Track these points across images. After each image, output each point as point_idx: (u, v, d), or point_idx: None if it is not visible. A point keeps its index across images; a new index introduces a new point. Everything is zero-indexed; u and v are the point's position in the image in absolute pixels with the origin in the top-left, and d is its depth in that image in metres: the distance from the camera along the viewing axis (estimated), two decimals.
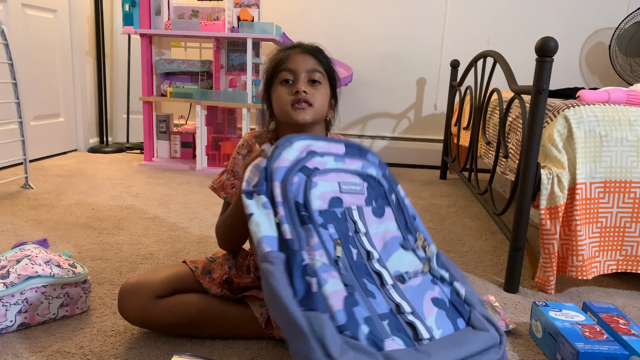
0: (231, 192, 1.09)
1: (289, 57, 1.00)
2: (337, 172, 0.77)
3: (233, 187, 1.09)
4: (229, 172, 1.10)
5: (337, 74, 1.06)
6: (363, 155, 0.84)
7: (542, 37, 1.19)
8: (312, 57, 1.00)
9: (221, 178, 1.11)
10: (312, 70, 0.99)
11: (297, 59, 0.99)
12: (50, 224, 1.67)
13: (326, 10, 3.03)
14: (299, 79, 0.98)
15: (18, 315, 1.00)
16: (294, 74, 0.99)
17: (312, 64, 1.00)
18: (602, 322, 1.04)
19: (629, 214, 1.30)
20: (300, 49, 1.01)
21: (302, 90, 0.97)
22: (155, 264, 1.38)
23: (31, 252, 1.07)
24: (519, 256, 1.30)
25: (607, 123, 1.28)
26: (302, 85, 0.97)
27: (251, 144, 1.08)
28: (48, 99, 2.77)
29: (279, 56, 1.02)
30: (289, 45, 1.04)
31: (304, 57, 1.00)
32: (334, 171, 0.77)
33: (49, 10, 2.72)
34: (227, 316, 1.00)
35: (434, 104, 3.12)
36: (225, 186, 1.09)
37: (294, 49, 1.02)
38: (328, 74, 1.02)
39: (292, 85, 0.99)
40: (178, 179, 2.44)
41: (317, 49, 1.03)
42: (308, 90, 0.98)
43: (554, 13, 2.92)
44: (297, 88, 0.97)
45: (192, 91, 2.59)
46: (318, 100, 0.99)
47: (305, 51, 1.01)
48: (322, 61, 1.01)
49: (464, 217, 2.04)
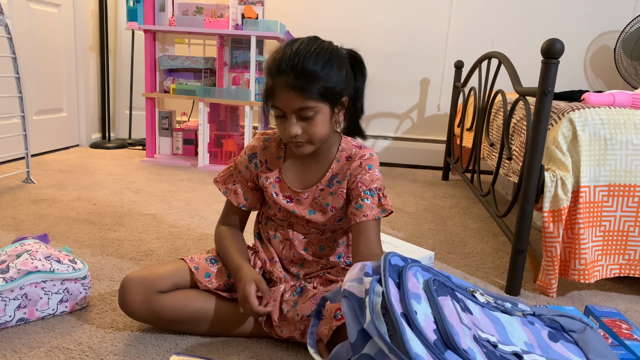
0: (231, 188, 1.10)
1: (275, 91, 0.92)
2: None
3: (233, 185, 1.10)
4: (233, 169, 1.11)
5: (341, 80, 0.95)
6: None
7: (549, 39, 1.19)
8: (299, 95, 0.90)
9: (225, 172, 1.12)
10: (299, 110, 0.91)
11: (283, 97, 0.91)
12: (51, 219, 1.66)
13: (330, 9, 3.02)
14: (290, 120, 0.93)
15: (17, 310, 0.99)
16: (284, 111, 0.93)
17: (300, 102, 0.90)
18: (605, 327, 1.04)
19: (632, 218, 1.29)
20: (285, 82, 0.90)
21: (293, 135, 0.93)
22: (155, 261, 1.37)
23: (31, 247, 1.07)
24: (521, 259, 1.30)
25: (612, 126, 1.27)
26: (292, 130, 0.93)
27: (258, 146, 1.08)
28: (51, 94, 2.76)
29: (269, 84, 0.93)
30: (277, 60, 0.92)
31: (289, 96, 0.90)
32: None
33: (53, 4, 2.71)
34: (227, 314, 1.00)
35: (437, 104, 3.11)
36: (226, 181, 1.11)
37: (280, 76, 0.90)
38: (323, 96, 0.91)
39: (284, 121, 0.94)
40: (180, 175, 2.43)
41: (305, 76, 0.89)
42: (300, 131, 0.93)
43: (559, 15, 2.91)
44: (287, 132, 0.93)
45: (195, 88, 2.59)
46: (314, 133, 0.94)
47: (291, 87, 0.89)
48: (313, 91, 0.90)
49: (466, 218, 2.03)
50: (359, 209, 1.00)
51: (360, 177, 1.01)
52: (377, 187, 1.02)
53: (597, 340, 0.76)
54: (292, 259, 1.09)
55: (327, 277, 1.07)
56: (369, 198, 1.00)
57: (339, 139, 1.06)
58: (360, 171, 1.02)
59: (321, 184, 1.04)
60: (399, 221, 1.93)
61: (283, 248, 1.10)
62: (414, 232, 1.80)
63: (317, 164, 1.05)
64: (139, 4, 2.56)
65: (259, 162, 1.07)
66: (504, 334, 0.69)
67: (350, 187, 1.03)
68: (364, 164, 1.02)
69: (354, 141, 1.07)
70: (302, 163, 1.06)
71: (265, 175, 1.07)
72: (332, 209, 1.04)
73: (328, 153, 1.05)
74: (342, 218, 1.06)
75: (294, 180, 1.06)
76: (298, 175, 1.06)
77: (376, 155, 1.05)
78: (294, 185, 1.06)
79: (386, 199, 1.03)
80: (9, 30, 1.91)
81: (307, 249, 1.09)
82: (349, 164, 1.03)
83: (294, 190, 1.05)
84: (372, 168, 1.02)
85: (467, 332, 0.61)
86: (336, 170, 1.04)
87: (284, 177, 1.06)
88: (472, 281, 1.39)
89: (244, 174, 1.09)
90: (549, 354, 0.70)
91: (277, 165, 1.07)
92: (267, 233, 1.12)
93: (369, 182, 1.01)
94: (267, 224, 1.13)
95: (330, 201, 1.04)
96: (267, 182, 1.06)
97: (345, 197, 1.04)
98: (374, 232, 1.00)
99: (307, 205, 1.05)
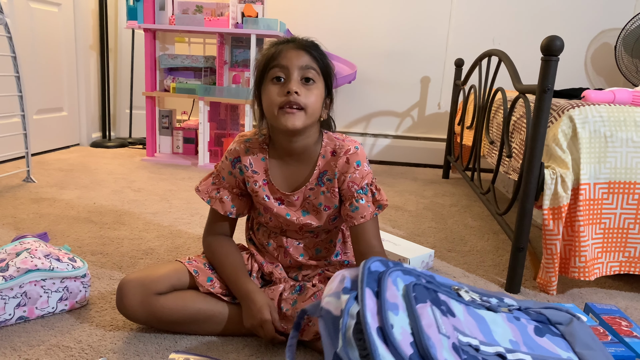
0: (215, 196, 1.04)
1: (281, 53, 0.93)
2: None
3: (217, 192, 1.04)
4: (215, 176, 1.06)
5: (334, 70, 0.99)
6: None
7: (548, 36, 1.18)
8: (306, 53, 0.93)
9: (207, 180, 1.06)
10: (305, 67, 0.92)
11: (290, 55, 0.92)
12: (52, 218, 1.66)
13: (331, 7, 3.02)
14: (291, 77, 0.91)
15: (17, 308, 0.99)
16: (285, 71, 0.92)
17: (306, 60, 0.92)
18: (605, 324, 1.04)
19: (632, 216, 1.29)
20: (294, 44, 0.94)
21: (293, 91, 0.90)
22: (155, 260, 1.37)
23: (31, 245, 1.07)
24: (521, 257, 1.30)
25: (613, 123, 1.27)
26: (294, 85, 0.90)
27: (239, 150, 1.03)
28: (51, 93, 2.77)
29: (271, 51, 0.94)
30: (281, 39, 0.97)
31: (297, 53, 0.92)
32: None
33: (54, 3, 2.71)
34: (226, 313, 1.00)
35: (437, 102, 3.10)
36: (209, 190, 1.05)
37: (287, 43, 0.94)
38: (323, 71, 0.95)
39: (283, 84, 0.92)
40: (180, 174, 2.43)
41: (312, 44, 0.95)
42: (300, 91, 0.91)
43: (560, 13, 2.90)
44: (288, 88, 0.90)
45: (195, 87, 2.58)
46: (311, 102, 0.92)
47: (299, 46, 0.93)
48: (317, 58, 0.94)
49: (467, 216, 2.03)
50: (355, 212, 0.98)
51: (350, 176, 0.99)
52: (369, 182, 1.00)
53: (583, 331, 0.76)
54: (289, 265, 1.07)
55: (326, 274, 1.06)
56: (363, 197, 0.99)
57: (321, 135, 1.03)
58: (348, 169, 0.99)
59: (310, 183, 1.01)
60: (400, 219, 1.93)
61: (278, 255, 1.07)
62: (415, 230, 1.80)
63: (303, 162, 1.02)
64: (139, 2, 2.56)
65: (243, 166, 1.02)
66: (488, 334, 0.68)
67: (341, 186, 1.00)
68: (351, 159, 0.99)
69: (335, 135, 1.04)
70: (287, 163, 1.02)
71: (252, 179, 1.02)
72: (326, 208, 1.02)
73: (312, 150, 1.01)
74: (337, 217, 1.05)
75: (281, 183, 1.02)
76: (285, 177, 1.02)
77: (361, 146, 1.02)
78: (282, 188, 1.02)
79: (380, 192, 1.01)
80: (8, 29, 1.91)
81: (303, 254, 1.07)
82: (335, 159, 0.99)
83: (283, 192, 1.02)
84: (361, 164, 1.00)
85: (445, 342, 0.60)
86: (323, 167, 1.01)
87: (271, 179, 1.02)
88: (472, 279, 1.39)
89: (228, 180, 1.04)
90: (534, 350, 0.70)
91: (262, 166, 1.02)
92: (259, 240, 1.09)
93: (360, 179, 0.99)
94: (259, 230, 1.10)
95: (323, 200, 1.01)
96: (256, 186, 1.02)
97: (338, 197, 1.02)
98: (373, 231, 0.99)
99: (299, 207, 1.03)
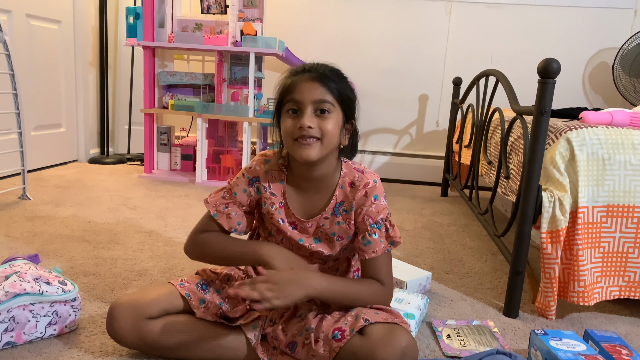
0: (223, 211, 1.03)
1: (295, 86, 0.93)
2: None
3: (226, 207, 1.03)
4: (227, 191, 1.05)
5: (354, 95, 0.97)
6: None
7: (545, 59, 1.18)
8: (320, 85, 0.92)
9: (218, 194, 1.06)
10: (319, 102, 0.91)
11: (303, 89, 0.92)
12: (45, 237, 1.65)
13: (329, 26, 3.04)
14: (305, 112, 0.91)
15: (4, 333, 0.97)
16: (299, 105, 0.92)
17: (320, 93, 0.92)
18: (604, 352, 1.01)
19: (632, 239, 1.27)
20: (309, 75, 0.93)
21: (306, 126, 0.90)
22: (148, 281, 1.35)
23: (20, 268, 1.05)
24: (519, 280, 1.28)
25: (610, 146, 1.26)
26: (306, 120, 0.90)
27: (259, 170, 1.03)
28: (50, 109, 2.77)
29: (287, 83, 0.95)
30: (299, 67, 0.96)
31: (311, 86, 0.92)
32: None
33: (54, 21, 2.73)
34: (218, 339, 0.98)
35: (436, 120, 3.10)
36: (217, 203, 1.04)
37: (303, 73, 0.94)
38: (340, 100, 0.94)
39: (298, 117, 0.92)
40: (177, 191, 2.42)
41: (327, 75, 0.93)
42: (314, 124, 0.91)
43: (558, 32, 2.92)
44: (301, 123, 0.91)
45: (194, 104, 2.59)
46: (327, 130, 0.92)
47: (314, 78, 0.92)
48: (332, 88, 0.93)
49: (465, 236, 2.01)
50: (367, 245, 0.98)
51: (366, 210, 0.98)
52: (384, 217, 1.00)
53: None
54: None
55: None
56: (376, 232, 0.98)
57: (340, 164, 1.03)
58: (365, 202, 0.99)
59: (325, 212, 1.00)
60: None
61: None
62: (412, 250, 1.78)
63: (320, 191, 1.01)
64: (138, 20, 2.58)
65: (262, 187, 1.03)
66: None
67: (356, 219, 1.00)
68: (370, 193, 0.99)
69: (354, 164, 1.03)
70: (304, 189, 1.02)
71: (270, 201, 1.02)
72: (339, 238, 1.02)
73: (331, 179, 1.01)
74: (347, 247, 1.04)
75: (297, 208, 1.02)
76: (301, 202, 1.02)
77: (379, 181, 1.02)
78: (298, 213, 1.02)
79: (394, 228, 1.00)
80: (7, 46, 1.92)
81: None
82: (354, 192, 0.99)
83: (298, 218, 1.02)
84: (378, 198, 0.99)
85: None
86: (340, 197, 1.00)
87: (288, 202, 1.02)
88: (470, 302, 1.37)
89: (240, 197, 1.03)
90: None
91: (280, 189, 1.02)
92: None
93: (375, 213, 0.99)
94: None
95: (337, 231, 1.01)
96: (272, 209, 1.02)
97: (354, 229, 1.01)
98: (383, 267, 0.99)
99: (312, 234, 1.03)
